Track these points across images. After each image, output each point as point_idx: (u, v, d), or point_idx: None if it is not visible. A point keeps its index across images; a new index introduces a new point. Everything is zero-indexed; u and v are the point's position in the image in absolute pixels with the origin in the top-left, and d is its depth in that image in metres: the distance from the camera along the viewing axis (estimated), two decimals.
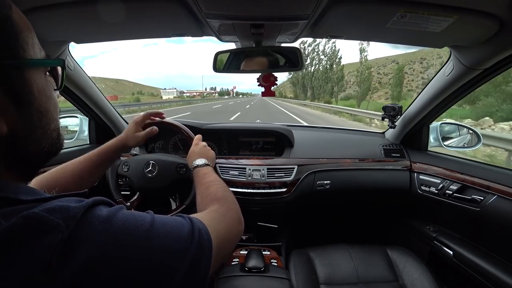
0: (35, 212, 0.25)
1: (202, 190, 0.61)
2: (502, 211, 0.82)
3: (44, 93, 0.32)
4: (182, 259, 0.31)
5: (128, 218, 0.30)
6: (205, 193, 0.58)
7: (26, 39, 0.30)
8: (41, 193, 0.32)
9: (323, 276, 0.92)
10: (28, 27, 0.31)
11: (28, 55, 0.30)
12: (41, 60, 0.33)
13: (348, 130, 1.53)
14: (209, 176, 0.66)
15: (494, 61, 0.77)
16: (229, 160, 1.20)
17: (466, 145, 1.19)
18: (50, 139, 0.34)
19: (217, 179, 0.65)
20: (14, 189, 0.29)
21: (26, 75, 0.30)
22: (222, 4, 0.60)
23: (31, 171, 0.35)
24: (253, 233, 1.29)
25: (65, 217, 0.26)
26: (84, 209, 0.28)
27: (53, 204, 0.27)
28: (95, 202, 0.30)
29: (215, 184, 0.61)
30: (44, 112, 0.32)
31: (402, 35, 0.75)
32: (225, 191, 0.58)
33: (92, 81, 1.11)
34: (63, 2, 0.61)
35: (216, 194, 0.56)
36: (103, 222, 0.28)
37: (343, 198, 1.28)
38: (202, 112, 16.52)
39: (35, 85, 0.31)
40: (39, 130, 0.32)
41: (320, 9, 0.60)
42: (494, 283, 0.82)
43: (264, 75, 0.86)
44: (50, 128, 0.33)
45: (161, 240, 0.31)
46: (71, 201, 0.29)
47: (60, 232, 0.25)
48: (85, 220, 0.27)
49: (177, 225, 0.34)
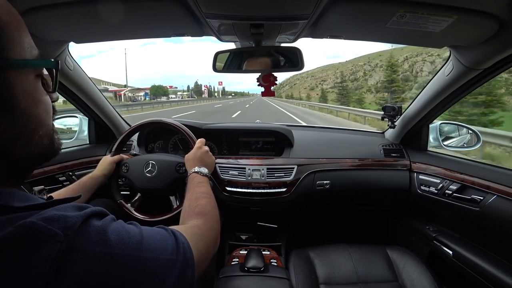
0: (32, 222, 0.25)
1: (192, 197, 0.62)
2: (501, 211, 0.82)
3: (32, 96, 0.30)
4: (171, 268, 0.33)
5: (121, 230, 0.31)
6: (193, 203, 0.60)
7: (12, 38, 0.28)
8: (34, 198, 0.31)
9: (322, 276, 0.92)
10: (17, 25, 0.29)
11: (13, 55, 0.28)
12: (28, 61, 0.30)
13: (347, 130, 1.53)
14: (202, 186, 0.68)
15: (493, 61, 0.77)
16: (229, 160, 1.20)
17: (466, 145, 1.19)
18: (39, 145, 0.32)
19: (209, 192, 0.67)
20: (6, 196, 0.28)
21: (8, 77, 0.27)
22: (222, 4, 0.60)
23: (22, 174, 0.34)
24: (253, 233, 1.29)
25: (63, 226, 0.26)
26: (82, 219, 0.28)
27: (51, 213, 0.27)
28: (93, 213, 0.30)
29: (205, 197, 0.63)
30: (32, 116, 0.30)
31: (402, 35, 0.75)
32: (212, 207, 0.60)
33: (91, 81, 1.11)
34: (62, 2, 0.61)
35: (203, 208, 0.58)
36: (99, 233, 0.29)
37: (343, 198, 1.28)
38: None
39: (19, 88, 0.28)
40: (24, 137, 0.30)
41: (319, 9, 0.60)
42: (493, 283, 0.82)
43: (264, 75, 0.86)
44: (39, 134, 0.31)
45: (151, 251, 0.32)
46: (67, 209, 0.29)
47: (59, 242, 0.25)
48: (83, 229, 0.28)
49: (162, 238, 0.36)
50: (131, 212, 0.92)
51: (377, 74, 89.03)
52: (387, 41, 0.89)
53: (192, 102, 36.52)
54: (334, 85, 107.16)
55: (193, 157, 0.81)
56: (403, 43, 0.86)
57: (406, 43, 0.85)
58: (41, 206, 0.29)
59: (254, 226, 1.25)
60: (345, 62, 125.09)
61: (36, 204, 0.29)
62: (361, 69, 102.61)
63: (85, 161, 1.16)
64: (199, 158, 0.80)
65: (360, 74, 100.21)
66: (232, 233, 1.26)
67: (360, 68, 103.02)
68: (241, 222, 1.26)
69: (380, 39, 0.86)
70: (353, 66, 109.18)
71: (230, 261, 1.01)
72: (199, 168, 0.75)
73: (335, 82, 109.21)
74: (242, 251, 1.07)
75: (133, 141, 1.26)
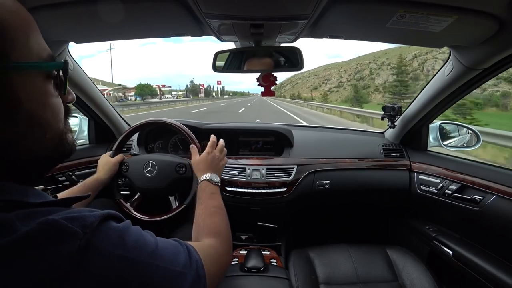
0: (54, 219, 0.26)
1: (205, 212, 0.59)
2: (501, 211, 0.82)
3: (37, 99, 0.29)
4: (181, 282, 0.33)
5: (139, 236, 0.32)
6: (208, 219, 0.57)
7: (15, 39, 0.27)
8: (46, 196, 0.32)
9: (322, 276, 0.92)
10: (24, 26, 0.28)
11: (17, 57, 0.27)
12: (34, 63, 0.29)
13: (347, 130, 1.53)
14: (215, 199, 0.65)
15: (493, 61, 0.77)
16: (229, 160, 1.20)
17: (466, 145, 1.19)
18: (47, 148, 0.32)
19: (222, 206, 0.64)
20: (21, 192, 0.29)
21: (10, 80, 0.27)
22: (222, 4, 0.60)
23: (34, 176, 0.34)
24: (253, 233, 1.29)
25: (82, 224, 0.27)
26: (99, 219, 0.29)
27: (71, 213, 0.28)
28: (109, 215, 0.31)
29: (220, 213, 0.60)
30: (37, 118, 0.29)
31: (402, 35, 0.75)
32: (227, 226, 0.59)
33: (91, 80, 1.11)
34: (63, 2, 0.61)
35: (219, 227, 0.56)
36: (118, 237, 0.29)
37: (343, 198, 1.28)
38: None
39: (23, 91, 0.28)
40: (28, 138, 0.29)
41: (319, 9, 0.60)
42: (493, 282, 0.82)
43: (264, 75, 0.86)
44: (46, 137, 0.31)
45: (164, 261, 0.32)
46: (84, 211, 0.30)
47: (78, 239, 0.26)
48: (101, 229, 0.28)
49: (176, 251, 0.36)
50: (130, 211, 0.92)
51: (384, 72, 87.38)
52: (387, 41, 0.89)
53: (186, 103, 31.52)
54: (339, 84, 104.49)
55: (203, 161, 0.74)
56: (403, 43, 0.86)
57: (406, 43, 0.85)
58: (55, 202, 0.30)
59: (254, 226, 1.25)
60: (348, 61, 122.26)
61: (51, 201, 0.30)
62: (366, 67, 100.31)
63: (85, 161, 1.16)
64: (211, 164, 0.73)
65: (366, 73, 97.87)
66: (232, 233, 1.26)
67: (366, 67, 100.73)
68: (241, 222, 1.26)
69: (380, 39, 0.87)
70: (358, 64, 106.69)
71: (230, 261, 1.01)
72: (211, 176, 0.69)
73: (339, 81, 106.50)
74: (242, 251, 1.07)
75: (133, 141, 1.26)
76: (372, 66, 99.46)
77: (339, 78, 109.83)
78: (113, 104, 1.30)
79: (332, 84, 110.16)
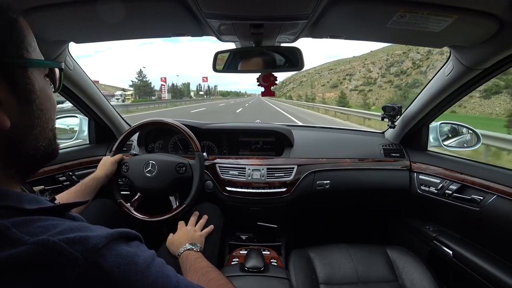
0: (55, 242, 0.25)
1: (198, 274, 0.58)
2: (501, 211, 0.82)
3: (45, 92, 0.33)
4: None
5: (160, 274, 0.31)
6: (204, 278, 0.56)
7: (30, 42, 0.32)
8: (43, 201, 0.31)
9: (322, 276, 0.92)
10: (30, 33, 0.33)
11: (31, 57, 0.32)
12: (43, 61, 0.34)
13: (347, 130, 1.53)
14: (202, 261, 0.64)
15: (493, 61, 0.77)
16: (229, 160, 1.20)
17: (466, 145, 1.19)
18: (47, 138, 0.35)
19: (212, 266, 0.63)
20: (17, 198, 0.28)
21: (29, 74, 0.31)
22: (222, 4, 0.60)
23: (28, 171, 0.35)
24: (253, 233, 1.29)
25: (84, 249, 0.25)
26: (106, 241, 0.27)
27: (73, 233, 0.26)
28: (120, 235, 0.30)
29: (212, 271, 0.59)
30: (44, 110, 0.33)
31: (402, 35, 0.75)
32: (227, 281, 0.56)
33: (91, 80, 1.11)
34: (62, 2, 0.61)
35: (219, 280, 0.55)
36: (127, 263, 0.28)
37: (343, 198, 1.28)
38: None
39: (37, 84, 0.32)
40: (38, 128, 0.32)
41: (319, 9, 0.60)
42: (493, 283, 0.82)
43: (264, 75, 0.86)
44: (48, 127, 0.34)
45: None
46: (89, 229, 0.28)
47: (78, 266, 0.24)
48: (105, 253, 0.27)
49: None
50: (131, 211, 0.92)
51: (439, 63, 57.85)
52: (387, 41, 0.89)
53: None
54: (369, 81, 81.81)
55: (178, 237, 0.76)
56: (403, 43, 0.86)
57: (406, 43, 0.85)
58: (50, 208, 0.30)
59: (254, 226, 1.25)
60: (375, 51, 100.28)
61: (46, 207, 0.30)
62: (404, 58, 79.48)
63: (85, 161, 1.16)
64: (185, 235, 0.77)
65: (408, 64, 76.42)
66: (232, 233, 1.26)
67: (403, 57, 79.55)
68: (241, 222, 1.26)
69: (380, 39, 0.86)
70: (388, 55, 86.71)
71: (230, 261, 1.01)
72: (191, 245, 0.71)
73: (368, 76, 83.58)
74: (242, 251, 1.07)
75: (133, 141, 1.26)
76: (414, 56, 76.97)
77: (366, 73, 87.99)
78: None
79: (359, 81, 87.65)
